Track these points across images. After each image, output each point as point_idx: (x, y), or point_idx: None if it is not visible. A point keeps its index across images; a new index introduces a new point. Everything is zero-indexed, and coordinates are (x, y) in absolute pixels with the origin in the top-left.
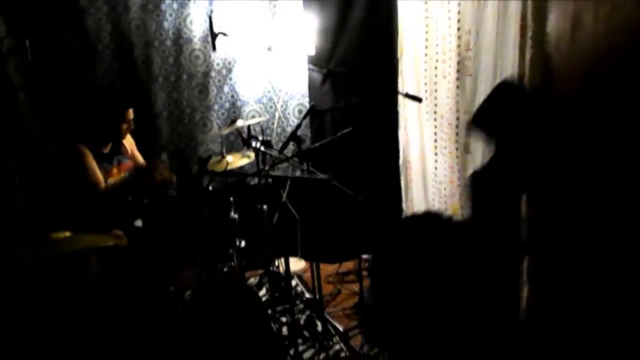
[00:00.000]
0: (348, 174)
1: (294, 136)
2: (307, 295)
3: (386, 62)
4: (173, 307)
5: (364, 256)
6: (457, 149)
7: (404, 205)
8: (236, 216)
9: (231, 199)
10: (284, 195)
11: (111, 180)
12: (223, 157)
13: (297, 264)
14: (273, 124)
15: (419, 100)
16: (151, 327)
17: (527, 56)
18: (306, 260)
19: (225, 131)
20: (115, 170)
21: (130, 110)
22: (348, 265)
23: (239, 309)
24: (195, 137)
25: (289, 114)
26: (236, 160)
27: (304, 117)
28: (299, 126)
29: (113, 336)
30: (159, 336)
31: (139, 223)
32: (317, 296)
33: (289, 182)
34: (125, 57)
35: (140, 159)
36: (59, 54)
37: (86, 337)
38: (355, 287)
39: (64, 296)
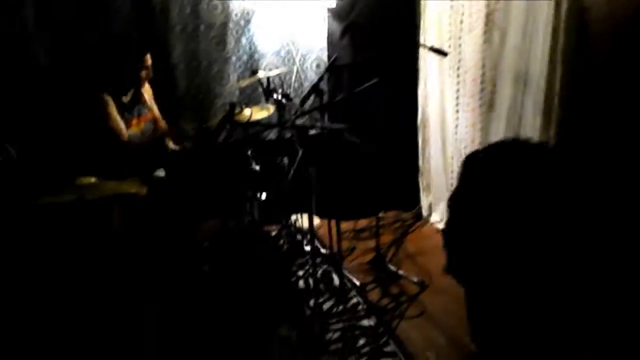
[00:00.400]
0: (366, 129)
1: (315, 89)
2: (322, 251)
3: (408, 16)
4: (197, 258)
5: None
6: (480, 106)
7: (420, 163)
8: (257, 168)
9: (249, 151)
10: (300, 150)
11: (131, 132)
12: (242, 109)
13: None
14: (290, 77)
15: (444, 54)
16: (172, 277)
17: (564, 7)
18: (321, 217)
19: (245, 83)
20: (135, 121)
21: (148, 56)
22: (362, 222)
23: (262, 259)
24: (212, 90)
25: (306, 67)
26: (255, 113)
27: (327, 70)
28: (321, 79)
29: (133, 284)
30: (180, 286)
31: (161, 173)
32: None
33: (306, 137)
34: (143, 5)
35: (156, 111)
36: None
37: (107, 284)
38: (371, 244)
39: (86, 242)
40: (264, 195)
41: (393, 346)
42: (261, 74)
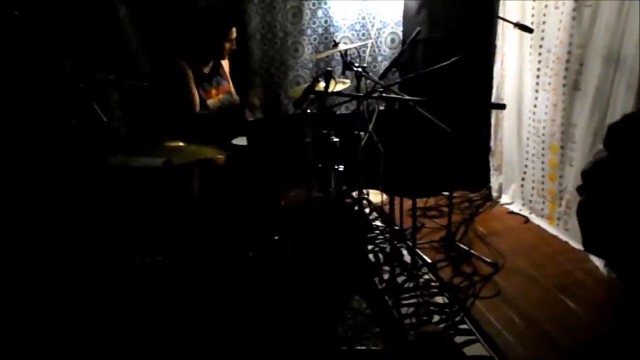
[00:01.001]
0: (438, 107)
1: (396, 63)
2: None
3: None
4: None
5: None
6: (564, 85)
7: (492, 143)
8: (337, 140)
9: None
10: (371, 125)
11: (210, 103)
12: (319, 81)
13: (376, 197)
14: (364, 51)
15: (529, 30)
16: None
17: None
18: (388, 193)
19: (325, 54)
20: (214, 92)
21: (234, 29)
22: (429, 200)
23: (343, 230)
24: (285, 62)
25: (381, 42)
26: (331, 86)
27: (410, 43)
28: (402, 53)
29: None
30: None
31: (240, 142)
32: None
33: (376, 112)
34: None
35: (230, 82)
36: None
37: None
38: (439, 223)
39: (169, 203)
40: (341, 168)
41: (468, 324)
42: (342, 46)
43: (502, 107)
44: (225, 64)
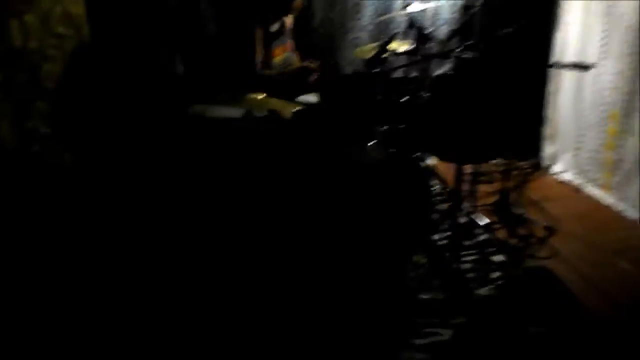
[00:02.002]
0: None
1: (462, 30)
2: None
3: None
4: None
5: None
6: (630, 54)
7: (548, 112)
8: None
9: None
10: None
11: (275, 61)
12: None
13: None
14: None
15: None
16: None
17: None
18: (442, 159)
19: (395, 14)
20: (279, 50)
21: None
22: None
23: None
24: (345, 24)
25: (441, 6)
26: (398, 47)
27: (476, 6)
28: (472, 17)
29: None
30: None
31: (310, 98)
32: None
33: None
34: None
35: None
36: None
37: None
38: (489, 188)
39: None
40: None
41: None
42: (414, 7)
43: (587, 68)
44: (288, 22)
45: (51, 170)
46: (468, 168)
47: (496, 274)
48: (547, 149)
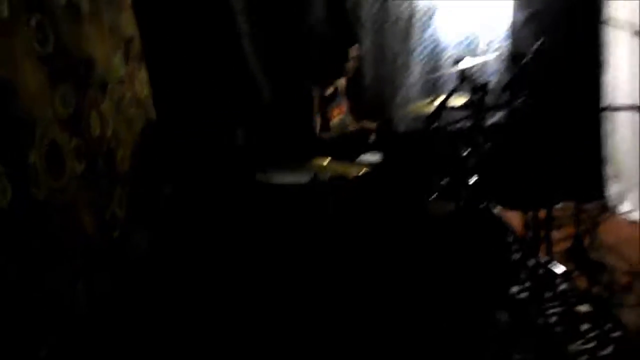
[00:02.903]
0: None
1: (516, 79)
2: None
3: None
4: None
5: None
6: None
7: (608, 152)
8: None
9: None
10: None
11: (332, 123)
12: (433, 100)
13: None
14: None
15: None
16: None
17: None
18: (506, 207)
19: (450, 71)
20: (335, 112)
21: (355, 47)
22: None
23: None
24: (395, 81)
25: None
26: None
27: (533, 56)
28: (524, 67)
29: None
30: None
31: (370, 157)
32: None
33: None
34: (338, 3)
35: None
36: None
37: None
38: (558, 234)
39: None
40: (473, 180)
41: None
42: (466, 63)
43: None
44: (341, 84)
45: (131, 256)
46: (536, 214)
47: (585, 326)
48: (612, 189)
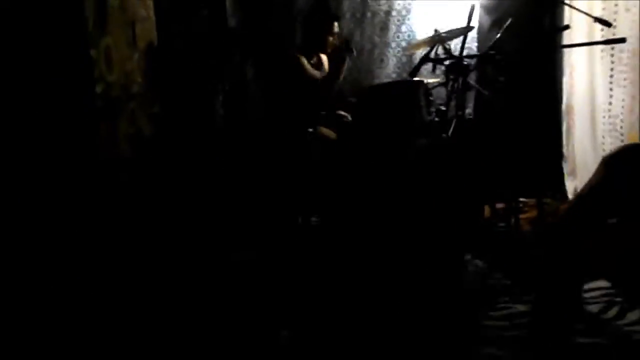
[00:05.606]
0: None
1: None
2: None
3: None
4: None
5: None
6: None
7: (564, 150)
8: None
9: None
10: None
11: None
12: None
13: None
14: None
15: (608, 24)
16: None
17: None
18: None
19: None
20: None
21: (336, 24)
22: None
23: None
24: (371, 71)
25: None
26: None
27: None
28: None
29: None
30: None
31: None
32: None
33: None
34: None
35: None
36: None
37: None
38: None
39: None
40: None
41: None
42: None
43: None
44: (325, 60)
45: None
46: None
47: None
48: (570, 184)
